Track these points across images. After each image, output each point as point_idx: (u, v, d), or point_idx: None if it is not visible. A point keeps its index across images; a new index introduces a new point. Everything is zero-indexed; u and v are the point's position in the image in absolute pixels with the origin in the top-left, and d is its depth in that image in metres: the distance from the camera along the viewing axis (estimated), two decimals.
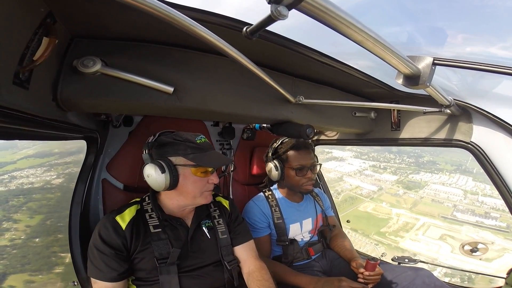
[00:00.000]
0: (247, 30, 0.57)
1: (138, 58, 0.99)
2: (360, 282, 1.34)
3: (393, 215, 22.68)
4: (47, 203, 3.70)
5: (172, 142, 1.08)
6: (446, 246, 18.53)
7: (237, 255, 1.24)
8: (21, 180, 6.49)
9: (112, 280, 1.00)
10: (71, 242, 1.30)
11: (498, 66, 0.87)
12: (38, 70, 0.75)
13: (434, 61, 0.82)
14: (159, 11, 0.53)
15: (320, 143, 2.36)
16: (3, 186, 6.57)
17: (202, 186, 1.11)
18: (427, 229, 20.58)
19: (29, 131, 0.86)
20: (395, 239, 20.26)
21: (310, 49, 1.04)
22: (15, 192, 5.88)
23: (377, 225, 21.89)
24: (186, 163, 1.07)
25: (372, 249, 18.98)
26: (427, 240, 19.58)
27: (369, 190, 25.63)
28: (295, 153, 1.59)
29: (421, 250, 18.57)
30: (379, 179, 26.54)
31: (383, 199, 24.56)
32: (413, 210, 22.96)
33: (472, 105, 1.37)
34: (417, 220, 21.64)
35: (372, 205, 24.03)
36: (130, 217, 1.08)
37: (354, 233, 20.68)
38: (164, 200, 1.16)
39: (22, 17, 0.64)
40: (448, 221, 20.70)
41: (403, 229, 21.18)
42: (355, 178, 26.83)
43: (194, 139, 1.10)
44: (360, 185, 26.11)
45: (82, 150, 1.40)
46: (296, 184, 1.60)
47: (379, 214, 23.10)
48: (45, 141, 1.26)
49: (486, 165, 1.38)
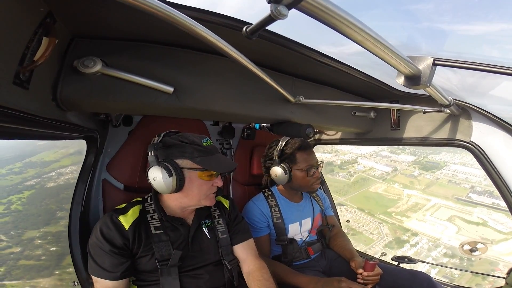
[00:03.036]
0: (247, 30, 0.57)
1: (138, 58, 0.99)
2: (359, 283, 1.34)
3: (403, 196, 22.26)
4: None
5: (178, 144, 1.07)
6: (452, 227, 18.24)
7: (237, 254, 1.24)
8: (67, 176, 7.07)
9: (114, 279, 1.00)
10: (71, 242, 1.30)
11: (498, 66, 0.87)
12: (39, 70, 0.75)
13: (434, 61, 0.82)
14: (159, 11, 0.53)
15: (320, 142, 2.36)
16: (53, 182, 7.06)
17: (207, 189, 1.10)
18: (437, 210, 20.18)
19: (29, 131, 0.85)
20: (401, 219, 19.99)
21: (310, 49, 1.04)
22: (64, 186, 6.62)
23: (385, 205, 21.61)
24: (193, 167, 1.06)
25: (375, 227, 18.97)
26: (434, 220, 19.26)
27: (383, 171, 25.02)
28: (302, 154, 1.56)
29: (425, 230, 18.40)
30: (395, 160, 25.72)
31: (396, 180, 24.03)
32: (426, 191, 22.39)
33: (472, 105, 1.38)
34: (428, 201, 21.17)
35: (384, 186, 23.60)
36: (133, 218, 1.08)
37: (360, 212, 20.58)
38: (167, 201, 1.15)
39: (22, 17, 0.64)
40: (461, 203, 20.09)
41: (411, 210, 20.84)
42: (370, 160, 26.14)
43: (200, 142, 1.09)
44: (374, 167, 25.47)
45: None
46: (306, 184, 1.58)
47: (389, 195, 22.71)
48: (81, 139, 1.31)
49: (486, 164, 1.38)
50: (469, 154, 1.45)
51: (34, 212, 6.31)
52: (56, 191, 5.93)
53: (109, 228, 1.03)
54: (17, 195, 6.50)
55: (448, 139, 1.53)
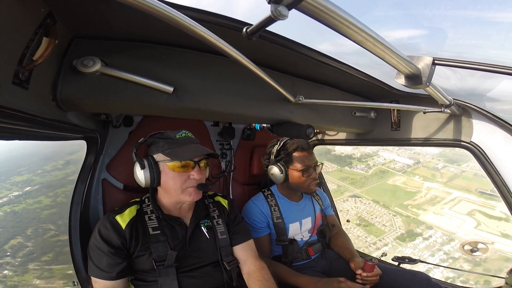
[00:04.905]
0: (247, 31, 0.57)
1: (138, 58, 0.99)
2: (359, 283, 1.34)
3: (423, 188, 21.64)
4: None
5: (156, 140, 1.13)
6: (471, 222, 17.61)
7: (237, 255, 1.24)
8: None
9: (112, 279, 1.01)
10: (71, 242, 1.30)
11: (498, 66, 0.87)
12: (38, 70, 0.75)
13: (434, 61, 0.82)
14: (159, 11, 0.53)
15: (320, 143, 2.36)
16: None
17: (182, 182, 1.10)
18: (457, 203, 19.50)
19: (29, 131, 0.85)
20: (417, 212, 19.49)
21: (310, 49, 1.04)
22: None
23: (402, 198, 21.16)
24: (164, 159, 1.10)
25: (389, 219, 18.62)
26: (452, 214, 18.68)
27: (404, 164, 24.30)
28: (300, 154, 1.58)
29: (441, 224, 17.96)
30: (419, 153, 24.85)
31: (418, 173, 23.32)
32: (448, 184, 21.60)
33: (472, 105, 1.37)
34: (449, 194, 20.50)
35: (403, 178, 22.99)
36: (130, 217, 1.09)
37: (375, 204, 20.31)
38: (160, 199, 1.17)
39: (22, 17, 0.64)
40: (485, 197, 19.19)
41: (429, 203, 20.31)
42: (392, 152, 25.32)
43: (174, 135, 1.14)
44: (396, 159, 24.77)
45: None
46: (302, 185, 1.59)
47: (408, 187, 22.09)
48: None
49: (486, 165, 1.38)
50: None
51: None
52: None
53: (106, 228, 1.04)
54: (61, 189, 7.36)
55: (448, 139, 1.53)
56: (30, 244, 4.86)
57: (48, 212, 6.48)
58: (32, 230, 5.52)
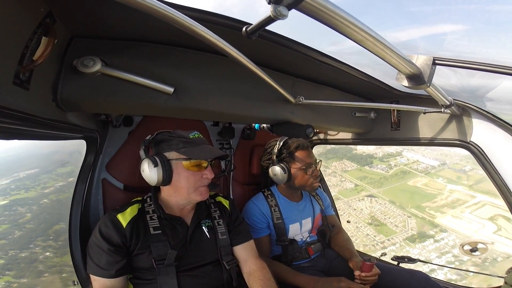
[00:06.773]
0: (247, 30, 0.57)
1: (138, 58, 0.99)
2: (358, 283, 1.34)
3: (445, 191, 20.99)
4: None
5: (167, 138, 1.11)
6: (491, 226, 16.97)
7: (237, 255, 1.24)
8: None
9: (111, 277, 1.01)
10: (71, 241, 1.30)
11: (498, 66, 0.87)
12: (38, 70, 0.75)
13: (434, 61, 0.82)
14: (159, 11, 0.53)
15: (319, 143, 2.36)
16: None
17: (195, 181, 1.11)
18: (480, 207, 18.76)
19: (29, 131, 0.85)
20: (434, 214, 18.99)
21: (310, 49, 1.04)
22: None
23: (420, 199, 20.57)
24: (178, 157, 1.09)
25: (402, 220, 18.26)
26: (472, 218, 18.04)
27: (428, 165, 23.47)
28: (301, 153, 1.59)
29: (458, 227, 17.46)
30: (446, 154, 23.74)
31: (442, 175, 22.51)
32: (473, 187, 20.66)
33: (472, 105, 1.37)
34: (473, 198, 19.71)
35: (425, 180, 22.28)
36: (131, 216, 1.09)
37: (390, 205, 19.91)
38: (164, 198, 1.17)
39: (22, 17, 0.64)
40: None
41: (450, 206, 19.67)
42: (417, 153, 24.42)
43: (187, 135, 1.13)
44: (420, 160, 23.98)
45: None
46: (305, 183, 1.60)
47: (429, 189, 21.46)
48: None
49: (486, 165, 1.38)
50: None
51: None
52: None
53: (107, 226, 1.04)
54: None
55: (448, 139, 1.53)
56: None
57: None
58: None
